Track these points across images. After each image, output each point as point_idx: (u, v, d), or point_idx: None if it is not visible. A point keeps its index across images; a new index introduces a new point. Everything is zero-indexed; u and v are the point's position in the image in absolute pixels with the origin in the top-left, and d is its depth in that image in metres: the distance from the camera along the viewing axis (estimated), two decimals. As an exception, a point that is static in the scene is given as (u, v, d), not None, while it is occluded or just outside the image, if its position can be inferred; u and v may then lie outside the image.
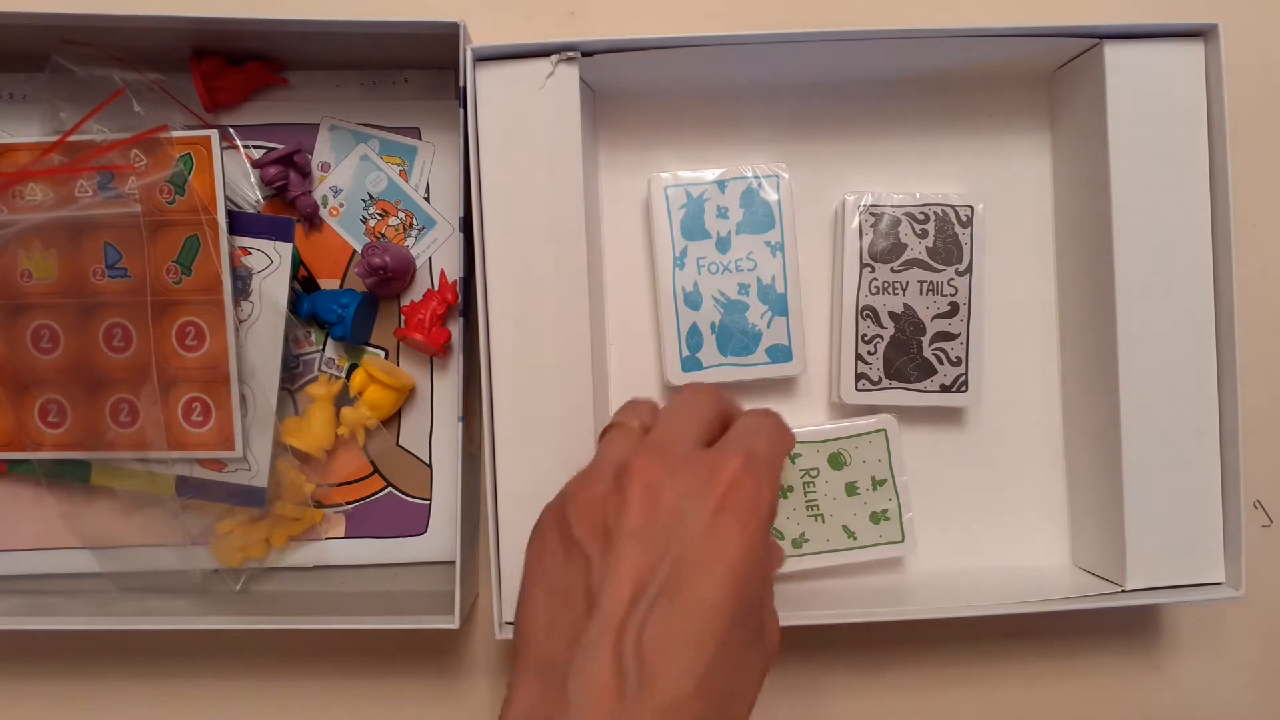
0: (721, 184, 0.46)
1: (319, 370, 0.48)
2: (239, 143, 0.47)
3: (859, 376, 0.45)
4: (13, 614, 0.45)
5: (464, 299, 0.45)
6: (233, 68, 0.47)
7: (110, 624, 0.43)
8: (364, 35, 0.43)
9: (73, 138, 0.44)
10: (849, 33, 0.42)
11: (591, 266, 0.43)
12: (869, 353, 0.45)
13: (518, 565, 0.41)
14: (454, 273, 0.48)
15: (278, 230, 0.46)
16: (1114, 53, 0.43)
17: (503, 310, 0.42)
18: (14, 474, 0.47)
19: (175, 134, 0.45)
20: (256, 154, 0.47)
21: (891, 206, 0.45)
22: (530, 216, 0.42)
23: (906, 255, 0.45)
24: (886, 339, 0.45)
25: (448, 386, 0.48)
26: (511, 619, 0.41)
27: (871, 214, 0.45)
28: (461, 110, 0.43)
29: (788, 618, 0.42)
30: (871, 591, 0.46)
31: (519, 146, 0.42)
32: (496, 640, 0.47)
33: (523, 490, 0.42)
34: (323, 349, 0.48)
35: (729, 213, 0.46)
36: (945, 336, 0.43)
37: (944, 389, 0.45)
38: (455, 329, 0.47)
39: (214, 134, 0.45)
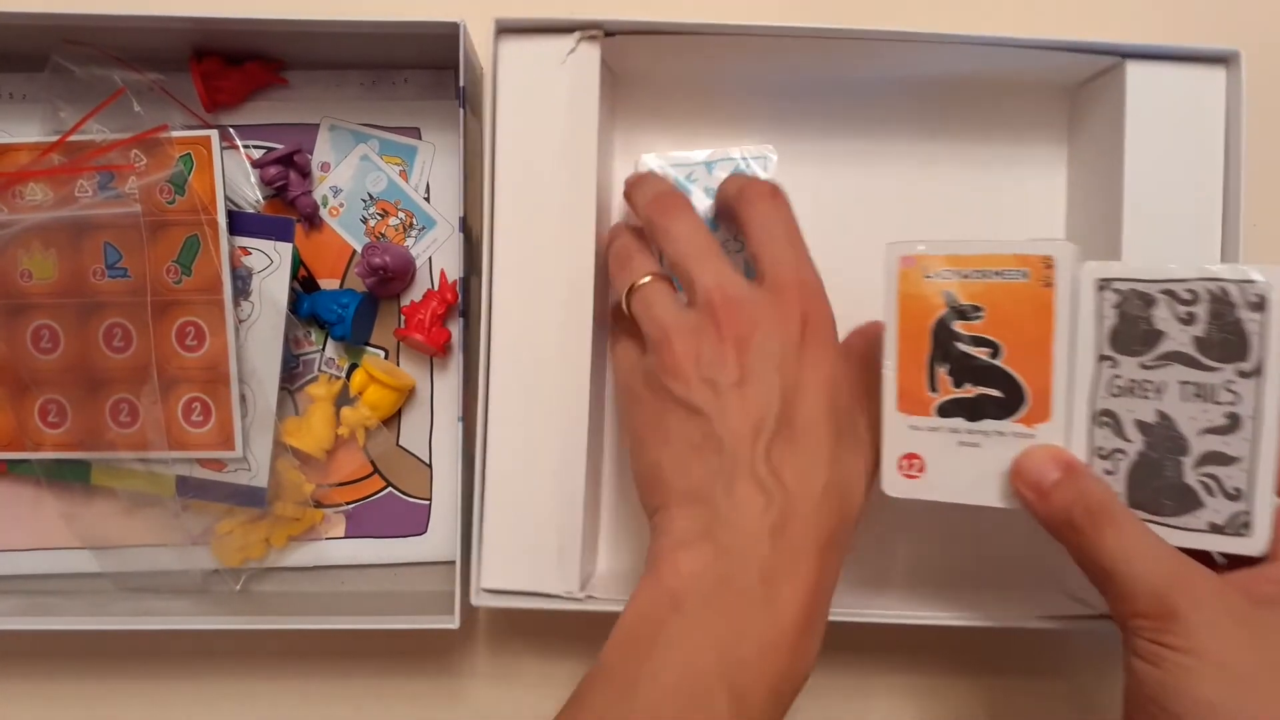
0: (710, 165, 0.45)
1: (319, 370, 0.48)
2: (239, 143, 0.47)
3: None
4: (13, 614, 0.45)
5: (464, 299, 0.45)
6: (232, 68, 0.47)
7: (110, 624, 0.43)
8: (364, 35, 0.43)
9: (73, 138, 0.44)
10: (880, 32, 0.42)
11: (599, 252, 0.43)
12: (1107, 471, 0.35)
13: (502, 551, 0.42)
14: (454, 272, 0.48)
15: (278, 230, 0.46)
16: (1136, 72, 0.43)
17: (506, 297, 0.42)
18: (14, 474, 0.47)
19: (175, 134, 0.45)
20: (256, 154, 0.47)
21: (1141, 281, 0.34)
22: (542, 199, 0.42)
23: (1164, 347, 0.35)
24: (1132, 456, 0.35)
25: (448, 386, 0.48)
26: (491, 586, 0.42)
27: (1116, 291, 0.35)
28: (461, 110, 0.43)
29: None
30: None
31: (535, 123, 0.42)
32: (475, 607, 0.43)
33: (517, 487, 0.42)
34: (323, 349, 0.48)
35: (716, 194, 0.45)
36: (1219, 459, 0.34)
37: (1215, 528, 0.34)
38: (455, 329, 0.47)
39: (214, 134, 0.45)
